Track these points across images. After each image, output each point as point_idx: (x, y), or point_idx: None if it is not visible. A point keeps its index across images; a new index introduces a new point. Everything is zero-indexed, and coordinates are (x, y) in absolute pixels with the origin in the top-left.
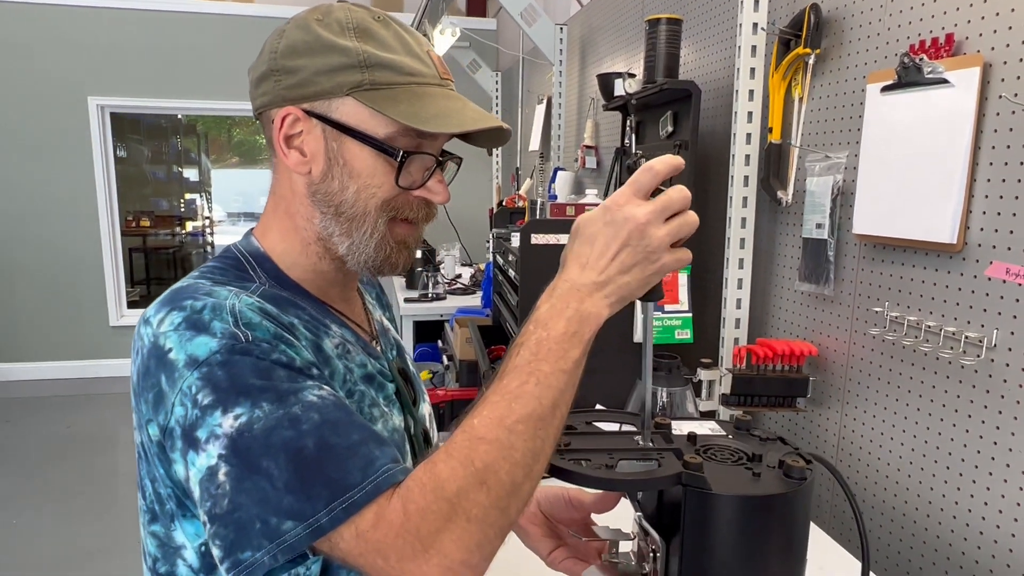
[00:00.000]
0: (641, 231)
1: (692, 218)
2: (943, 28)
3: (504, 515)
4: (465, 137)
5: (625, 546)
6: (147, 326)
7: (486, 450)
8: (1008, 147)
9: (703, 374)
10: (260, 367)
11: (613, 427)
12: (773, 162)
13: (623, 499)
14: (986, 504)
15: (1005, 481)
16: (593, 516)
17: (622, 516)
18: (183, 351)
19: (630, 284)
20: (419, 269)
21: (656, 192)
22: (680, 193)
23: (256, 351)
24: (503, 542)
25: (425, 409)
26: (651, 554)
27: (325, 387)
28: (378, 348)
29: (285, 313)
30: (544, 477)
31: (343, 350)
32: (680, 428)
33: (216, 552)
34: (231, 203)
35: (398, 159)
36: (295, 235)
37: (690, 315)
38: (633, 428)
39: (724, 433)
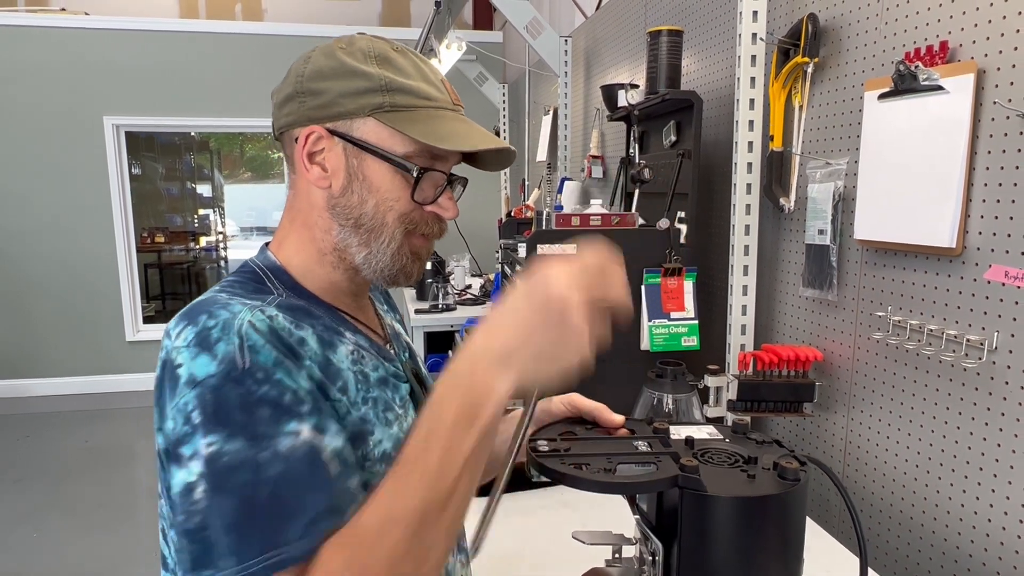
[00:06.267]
0: (560, 293)
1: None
2: (937, 36)
3: None
4: (473, 161)
5: (628, 551)
6: (168, 338)
7: (371, 543)
8: (1004, 152)
9: (710, 380)
10: (247, 401)
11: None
12: (775, 169)
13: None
14: (991, 506)
15: (1009, 483)
16: (598, 524)
17: (625, 521)
18: (188, 369)
19: (541, 350)
20: (429, 280)
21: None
22: (593, 253)
23: (249, 381)
24: None
25: None
26: (651, 558)
27: (307, 429)
28: (392, 351)
29: (299, 325)
30: (546, 482)
31: (357, 356)
32: (678, 432)
33: (181, 565)
34: (244, 218)
35: (415, 175)
36: (312, 245)
37: (696, 322)
38: (631, 432)
39: (722, 437)
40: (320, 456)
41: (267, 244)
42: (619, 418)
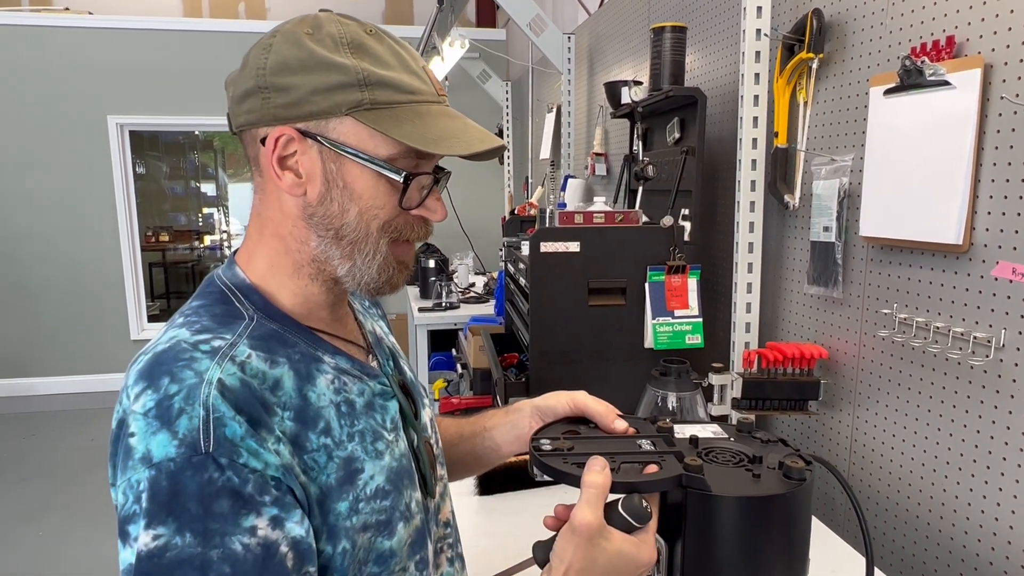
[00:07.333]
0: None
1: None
2: (943, 30)
3: None
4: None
5: None
6: (126, 397)
7: None
8: (1011, 147)
9: (714, 378)
10: (205, 492)
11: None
12: (780, 166)
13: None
14: (998, 504)
15: (1017, 481)
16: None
17: None
18: (144, 443)
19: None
20: (433, 278)
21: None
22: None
23: (211, 467)
24: None
25: (426, 415)
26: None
27: (264, 524)
28: (375, 364)
29: (274, 362)
30: (548, 482)
31: (339, 384)
32: (683, 431)
33: None
34: (248, 216)
35: (403, 181)
36: (286, 258)
37: (700, 320)
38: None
39: (726, 436)
40: (274, 557)
41: (235, 255)
42: (621, 426)
